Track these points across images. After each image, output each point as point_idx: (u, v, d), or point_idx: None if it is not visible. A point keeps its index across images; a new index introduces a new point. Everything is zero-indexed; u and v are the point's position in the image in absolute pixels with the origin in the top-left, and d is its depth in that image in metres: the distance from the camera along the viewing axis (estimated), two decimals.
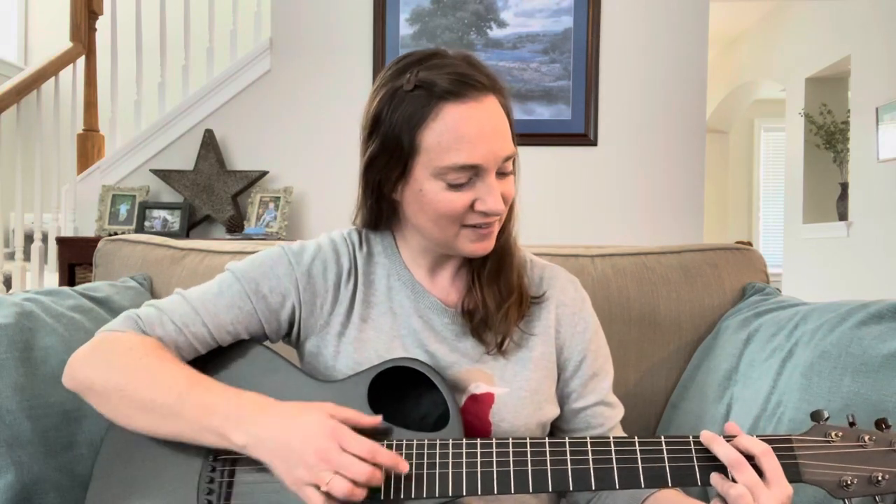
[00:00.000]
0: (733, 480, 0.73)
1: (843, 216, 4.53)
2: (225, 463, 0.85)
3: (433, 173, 0.84)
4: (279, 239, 2.72)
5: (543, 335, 0.97)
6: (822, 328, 1.02)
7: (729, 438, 0.76)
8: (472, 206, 0.86)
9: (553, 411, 0.97)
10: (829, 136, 4.68)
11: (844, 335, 0.97)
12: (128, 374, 0.85)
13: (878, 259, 4.04)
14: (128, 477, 0.87)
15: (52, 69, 2.90)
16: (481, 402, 0.92)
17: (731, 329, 1.23)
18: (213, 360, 0.94)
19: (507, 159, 0.86)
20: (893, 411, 0.86)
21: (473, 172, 0.84)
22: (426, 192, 0.86)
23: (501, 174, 0.87)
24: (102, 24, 3.12)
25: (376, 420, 0.81)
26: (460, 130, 0.82)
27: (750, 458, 0.73)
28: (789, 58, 5.16)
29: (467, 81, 0.84)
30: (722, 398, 1.15)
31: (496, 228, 0.90)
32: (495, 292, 0.93)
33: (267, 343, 0.97)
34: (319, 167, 2.93)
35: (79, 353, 0.89)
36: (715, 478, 0.74)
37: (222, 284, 0.95)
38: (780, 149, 6.51)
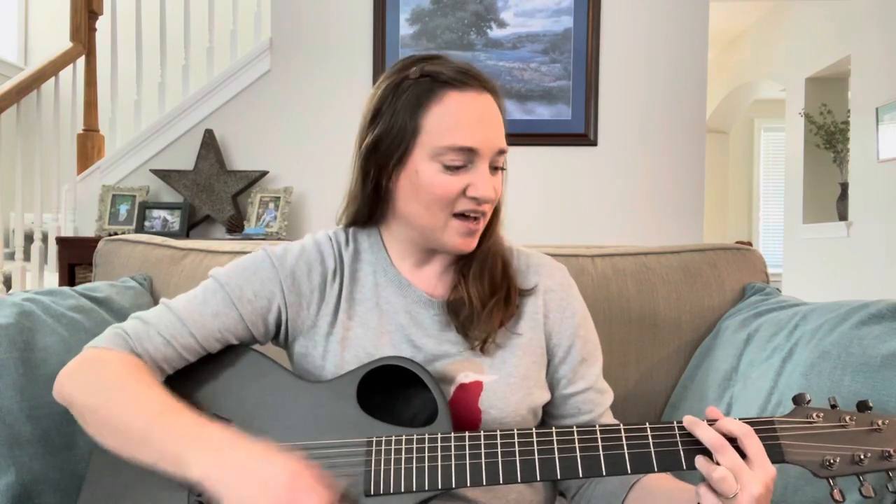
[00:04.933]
0: (717, 463, 0.73)
1: (843, 216, 4.53)
2: None
3: (431, 154, 0.88)
4: (279, 239, 2.72)
5: (531, 321, 0.97)
6: (822, 328, 1.02)
7: (711, 422, 0.76)
8: (464, 192, 0.88)
9: (544, 396, 0.97)
10: (829, 136, 4.67)
11: (844, 335, 0.97)
12: (104, 395, 0.84)
13: (878, 259, 4.04)
14: (120, 478, 0.87)
15: (52, 69, 2.90)
16: (470, 391, 0.92)
17: (731, 329, 1.23)
18: (202, 366, 0.93)
19: (500, 153, 0.91)
20: (894, 411, 0.86)
21: (469, 156, 0.88)
22: (422, 175, 0.88)
23: (494, 168, 0.91)
24: (102, 24, 3.12)
25: (338, 487, 0.79)
26: (462, 113, 0.88)
27: (733, 441, 0.74)
28: (789, 58, 5.16)
29: (470, 73, 0.90)
30: (722, 398, 1.15)
31: (482, 226, 0.92)
32: (480, 290, 0.94)
33: (256, 346, 0.97)
34: (319, 167, 2.93)
35: (66, 369, 0.89)
36: (700, 461, 0.75)
37: (207, 292, 0.94)
38: (780, 149, 6.50)
